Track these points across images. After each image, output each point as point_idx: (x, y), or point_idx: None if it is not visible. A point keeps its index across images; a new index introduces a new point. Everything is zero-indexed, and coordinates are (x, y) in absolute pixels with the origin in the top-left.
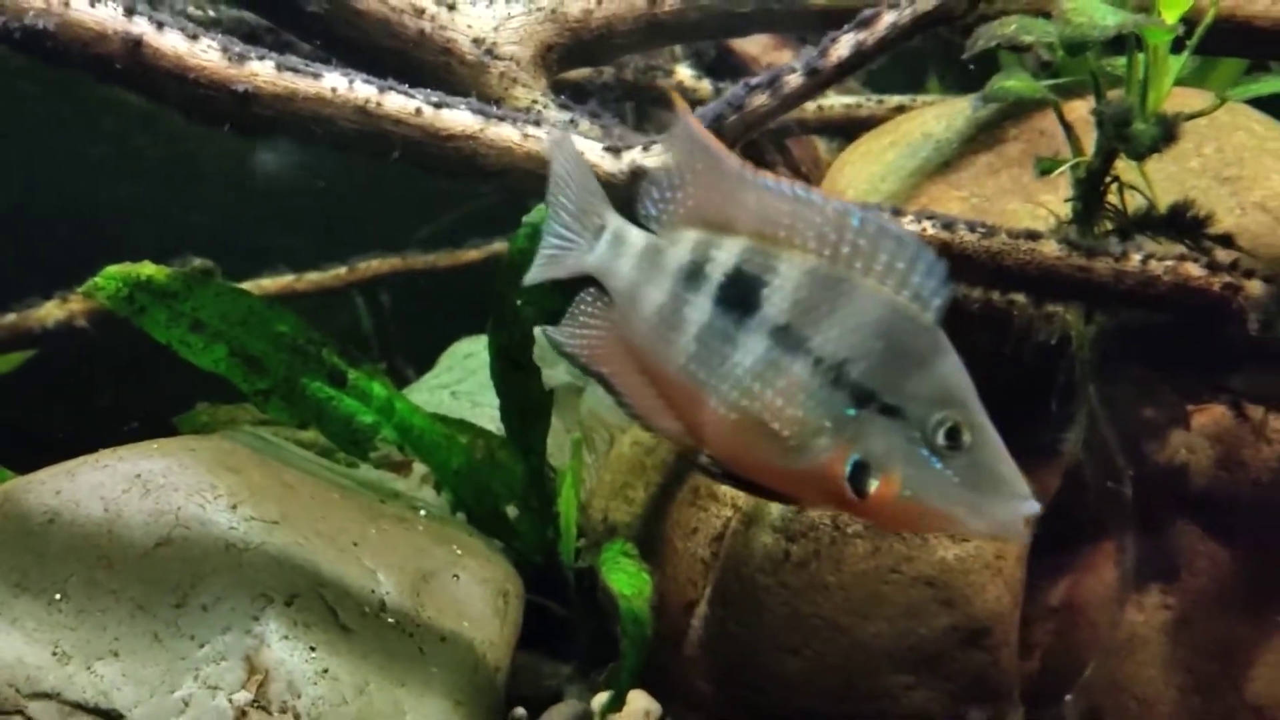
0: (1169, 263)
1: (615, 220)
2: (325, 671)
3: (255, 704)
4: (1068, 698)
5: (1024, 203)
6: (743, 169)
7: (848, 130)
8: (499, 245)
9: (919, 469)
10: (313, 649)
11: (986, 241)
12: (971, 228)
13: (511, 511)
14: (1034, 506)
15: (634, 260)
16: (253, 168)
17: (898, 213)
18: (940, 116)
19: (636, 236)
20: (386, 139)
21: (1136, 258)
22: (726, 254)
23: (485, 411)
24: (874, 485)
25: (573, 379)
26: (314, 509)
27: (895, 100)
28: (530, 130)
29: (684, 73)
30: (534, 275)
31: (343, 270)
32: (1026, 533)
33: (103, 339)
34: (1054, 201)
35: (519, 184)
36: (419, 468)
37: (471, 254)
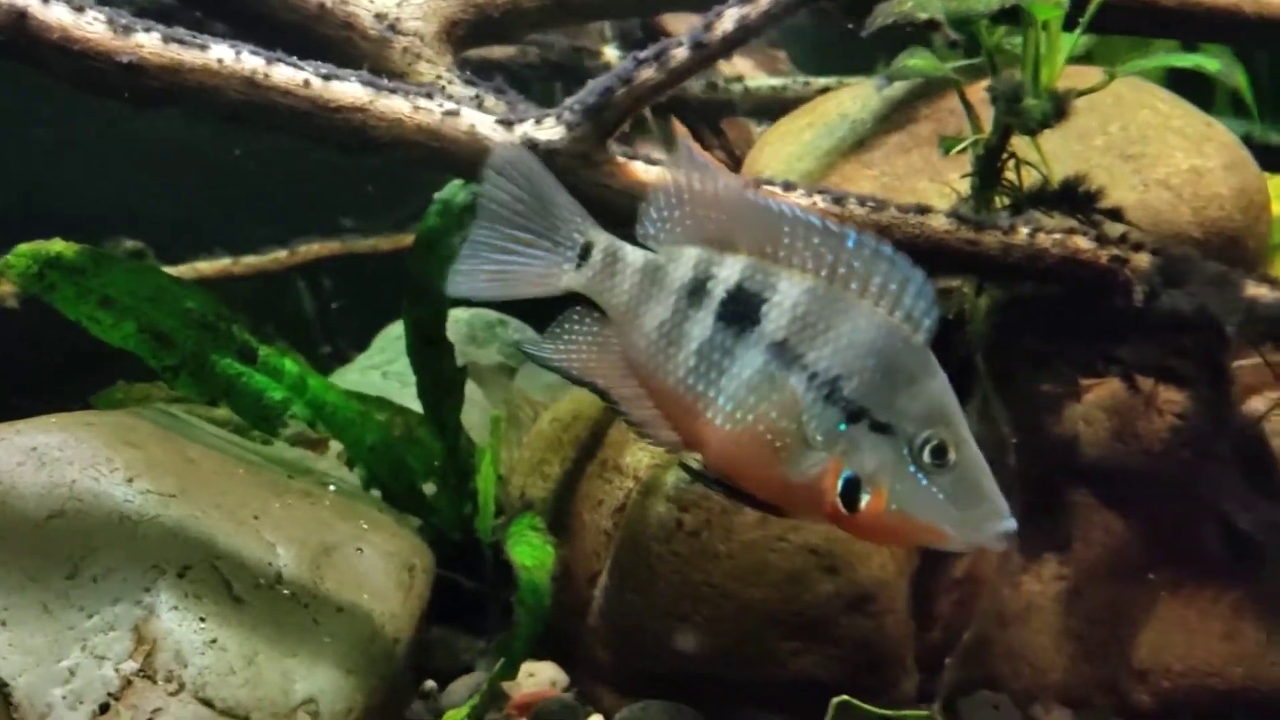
0: (1057, 236)
1: (603, 237)
2: (214, 642)
3: (141, 673)
4: (947, 660)
5: (932, 181)
6: (742, 189)
7: (775, 112)
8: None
9: (906, 484)
10: (202, 620)
11: (876, 215)
12: (861, 202)
13: (431, 488)
14: (1012, 523)
15: (634, 277)
16: (198, 151)
17: (789, 186)
18: (856, 97)
19: (633, 254)
20: (275, 111)
21: (1024, 231)
22: (729, 271)
23: (414, 391)
24: (864, 500)
25: (505, 359)
26: (215, 483)
27: (821, 82)
28: (421, 103)
29: (610, 53)
30: (484, 292)
31: (282, 254)
32: (1006, 546)
33: None
34: (960, 179)
35: (410, 157)
36: (338, 445)
37: (413, 238)
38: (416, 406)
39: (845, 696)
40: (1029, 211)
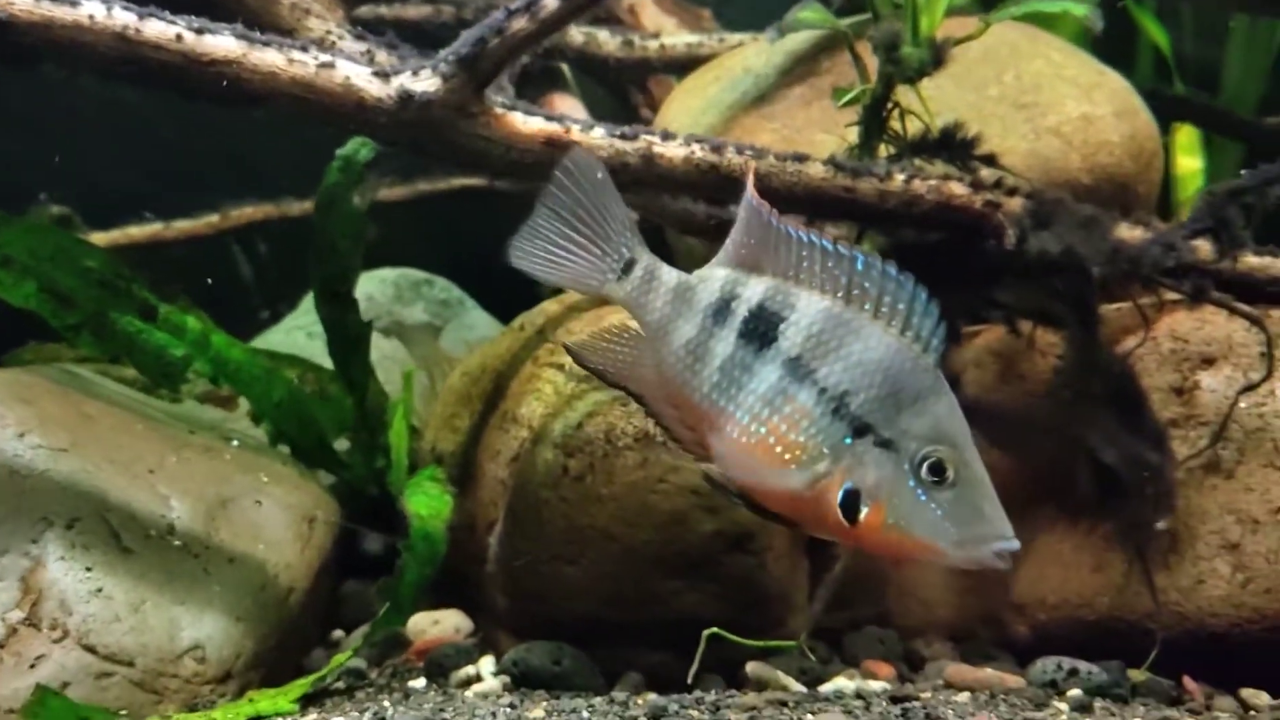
0: (932, 182)
1: (646, 255)
2: (99, 590)
3: (26, 622)
4: (820, 590)
5: (829, 132)
6: (771, 216)
7: (693, 69)
8: (385, 191)
9: (905, 500)
10: (89, 570)
11: (754, 163)
12: (739, 150)
13: (345, 444)
14: (1013, 544)
15: (666, 296)
16: (130, 116)
17: (667, 136)
18: (761, 52)
19: (668, 274)
20: (148, 65)
21: (900, 178)
22: (752, 292)
23: None
24: (864, 512)
25: (429, 319)
26: (112, 438)
27: (737, 39)
28: (296, 55)
29: None
30: (542, 276)
31: (214, 218)
32: (1006, 566)
33: None
34: (846, 128)
35: (287, 109)
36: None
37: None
38: None
39: (715, 629)
40: (906, 159)
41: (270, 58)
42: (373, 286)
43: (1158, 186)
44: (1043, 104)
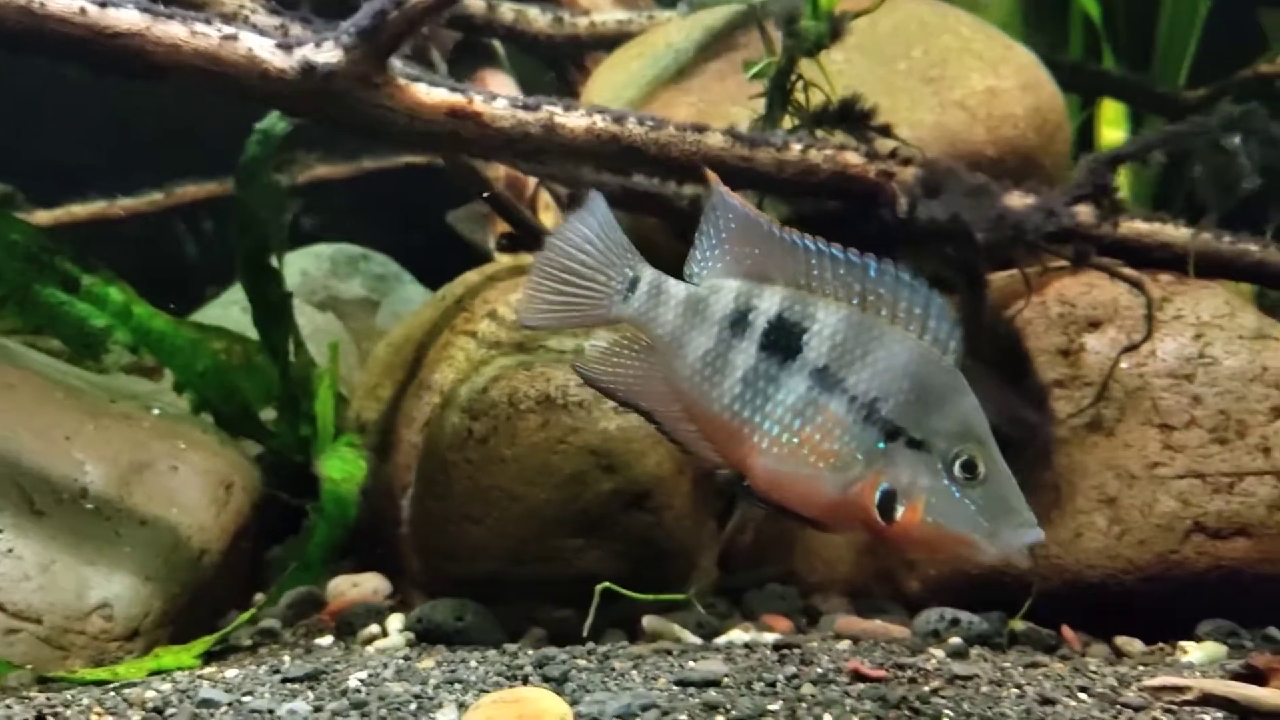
0: (828, 152)
1: (649, 271)
2: (9, 551)
3: None
4: (714, 548)
5: (743, 106)
6: (773, 227)
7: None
8: (321, 169)
9: (940, 498)
10: (0, 531)
11: (655, 134)
12: (640, 121)
13: (272, 414)
14: (1039, 534)
15: (677, 309)
16: (75, 95)
17: (569, 107)
18: (682, 28)
19: (676, 287)
20: (53, 39)
21: (797, 148)
22: (768, 303)
23: None
24: (900, 512)
25: (366, 294)
26: (31, 406)
27: (666, 15)
28: (199, 28)
29: None
30: (548, 323)
31: (159, 196)
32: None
33: None
34: (749, 100)
35: (192, 81)
36: None
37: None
38: None
39: (608, 584)
40: (806, 129)
41: (174, 30)
42: (309, 262)
43: (1064, 158)
44: (949, 78)
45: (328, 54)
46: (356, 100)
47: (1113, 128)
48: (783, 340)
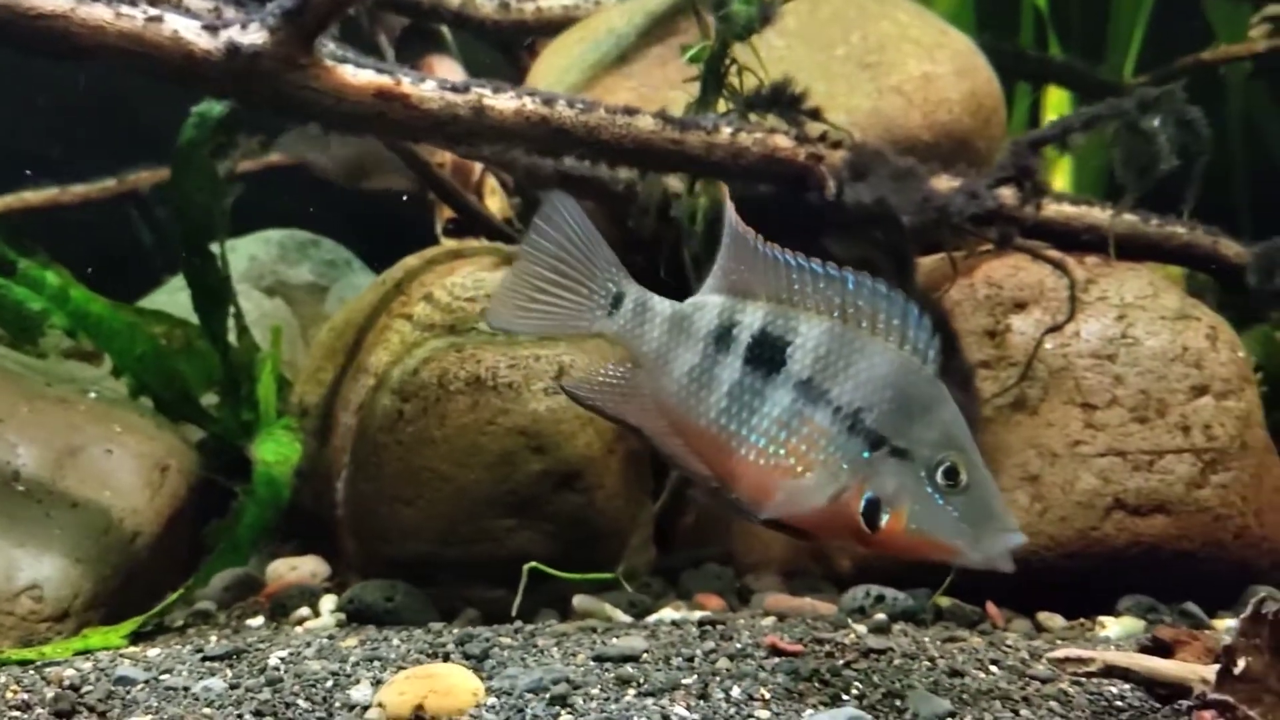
0: (758, 135)
1: (634, 288)
2: None
3: None
4: (641, 529)
5: (682, 90)
6: (757, 242)
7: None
8: (273, 156)
9: (924, 505)
10: None
11: (585, 116)
12: (570, 103)
13: (213, 398)
14: (1020, 538)
15: (663, 326)
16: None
17: (498, 89)
18: (625, 13)
19: (661, 304)
20: None
21: (727, 131)
22: (752, 318)
23: None
24: (885, 520)
25: (315, 279)
26: None
27: (612, 2)
28: (124, 10)
29: None
30: (519, 327)
31: (111, 182)
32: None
33: None
34: (684, 83)
35: (117, 62)
36: None
37: (245, 164)
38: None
39: (536, 564)
40: (739, 113)
41: (98, 12)
42: (258, 247)
43: (1000, 142)
44: (886, 63)
45: (253, 35)
46: (282, 82)
47: (1057, 113)
48: (767, 354)
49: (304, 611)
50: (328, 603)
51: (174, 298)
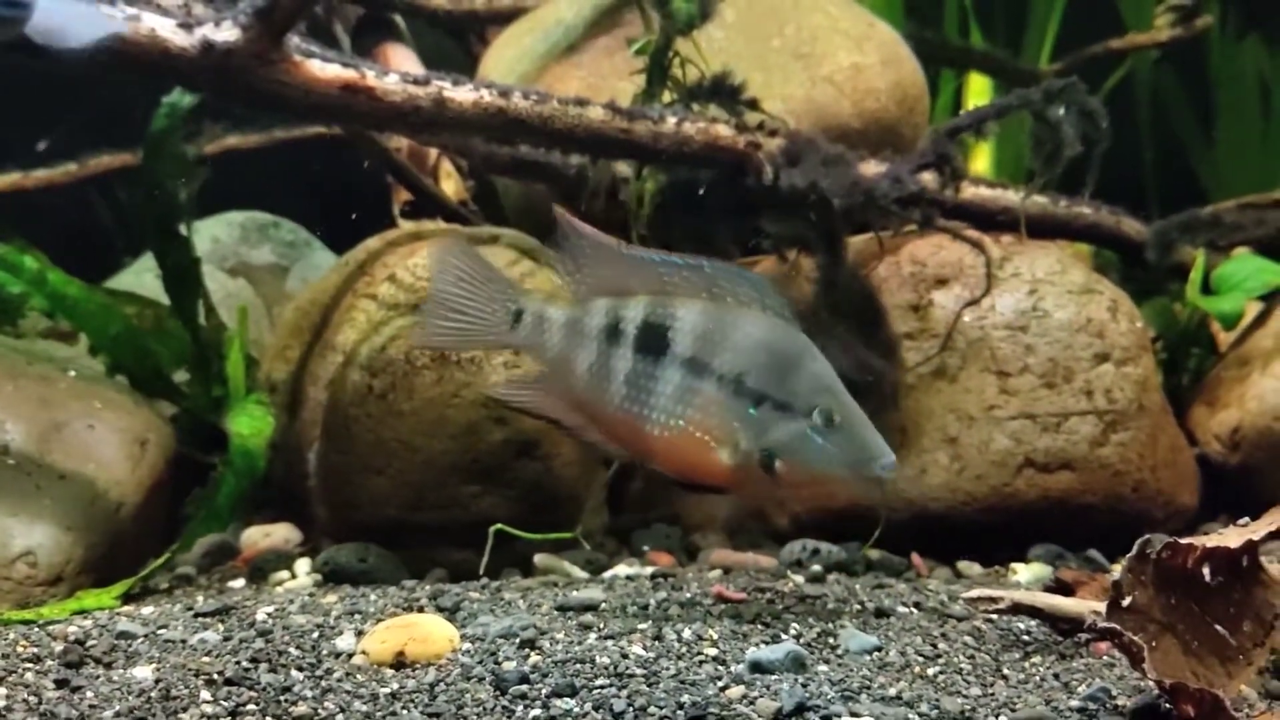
0: (701, 125)
1: (532, 302)
2: None
3: None
4: (594, 491)
5: (629, 80)
6: (619, 246)
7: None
8: (232, 139)
9: (809, 446)
10: None
11: (539, 107)
12: (525, 95)
13: (184, 375)
14: (892, 460)
15: (560, 333)
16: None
17: (457, 82)
18: (574, 4)
19: (556, 313)
20: None
21: (672, 121)
22: (634, 312)
23: None
24: (780, 466)
25: (276, 260)
26: None
27: None
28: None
29: None
30: (441, 345)
31: (73, 167)
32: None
33: None
34: (631, 76)
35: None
36: None
37: (207, 148)
38: None
39: (501, 525)
40: (682, 103)
41: None
42: (220, 229)
43: (923, 128)
44: (818, 54)
45: (226, 33)
46: (254, 76)
47: (980, 98)
48: (653, 341)
49: (282, 574)
50: (303, 565)
51: (140, 279)
